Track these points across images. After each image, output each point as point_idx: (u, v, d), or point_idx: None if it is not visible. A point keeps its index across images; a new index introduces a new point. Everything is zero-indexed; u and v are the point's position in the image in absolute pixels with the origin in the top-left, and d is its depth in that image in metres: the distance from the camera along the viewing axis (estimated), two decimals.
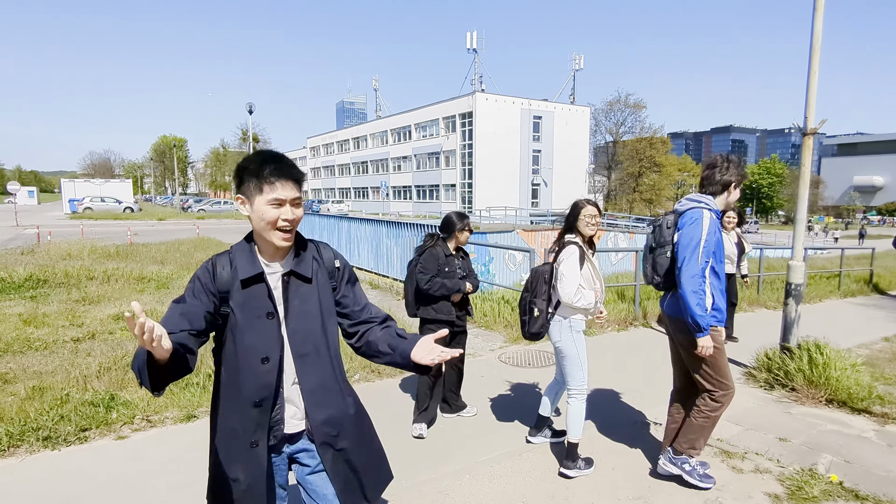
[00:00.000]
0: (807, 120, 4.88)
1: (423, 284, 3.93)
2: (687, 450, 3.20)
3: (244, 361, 1.64)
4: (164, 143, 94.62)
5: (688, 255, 2.96)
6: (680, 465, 3.22)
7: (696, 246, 2.94)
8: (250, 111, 23.22)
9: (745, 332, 7.07)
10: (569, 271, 3.31)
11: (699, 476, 3.19)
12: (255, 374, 1.65)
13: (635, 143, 58.54)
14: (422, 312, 4.09)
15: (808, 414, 4.41)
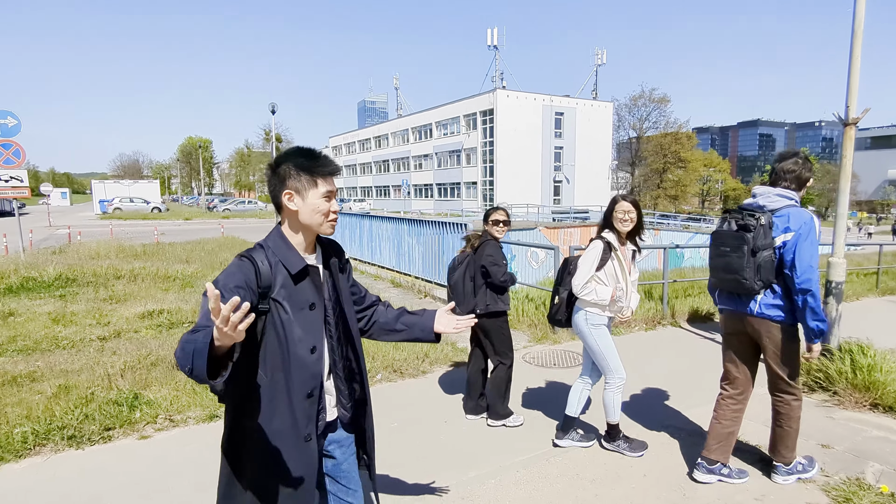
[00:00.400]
0: (848, 109, 4.64)
1: (500, 277, 3.96)
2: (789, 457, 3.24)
3: (294, 355, 1.65)
4: (190, 144, 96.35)
5: (807, 258, 2.89)
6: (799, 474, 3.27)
7: (815, 251, 2.91)
8: (273, 111, 23.40)
9: None
10: (583, 264, 3.43)
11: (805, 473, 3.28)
12: (305, 366, 1.67)
13: (660, 139, 57.59)
14: (492, 306, 4.06)
15: (852, 419, 4.19)
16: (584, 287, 3.39)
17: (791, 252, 2.92)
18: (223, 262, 11.59)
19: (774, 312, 3.04)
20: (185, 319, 6.86)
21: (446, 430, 4.03)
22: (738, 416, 3.30)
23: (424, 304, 8.45)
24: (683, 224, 36.86)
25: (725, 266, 3.09)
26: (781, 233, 2.97)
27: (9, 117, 11.99)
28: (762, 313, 3.06)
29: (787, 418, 3.18)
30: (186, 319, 6.86)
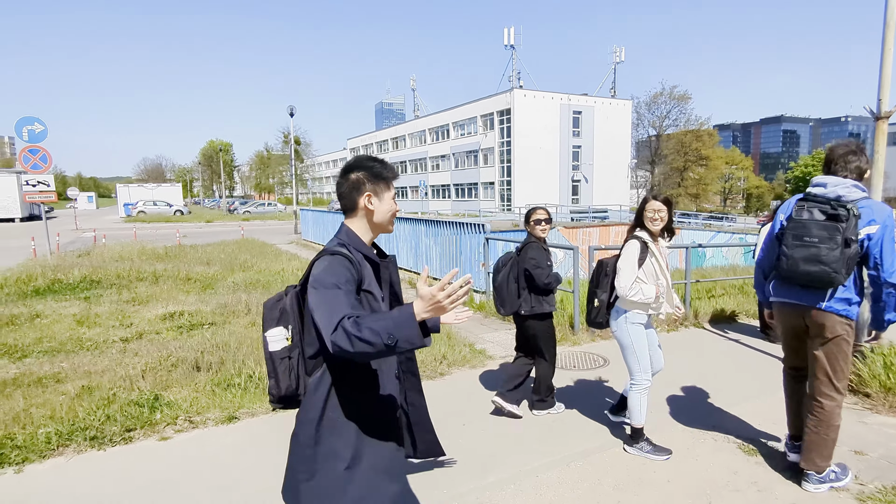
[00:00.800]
0: (880, 102, 4.48)
1: (544, 279, 3.99)
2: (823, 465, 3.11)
3: None
4: (211, 147, 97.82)
5: (892, 255, 2.87)
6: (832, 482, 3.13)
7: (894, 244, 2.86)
8: (291, 114, 23.60)
9: None
10: (625, 265, 3.43)
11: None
12: None
13: (680, 136, 56.75)
14: (536, 308, 4.12)
15: (886, 424, 4.03)
16: (631, 288, 3.40)
17: (878, 245, 2.86)
18: (242, 264, 11.71)
19: (842, 307, 2.94)
20: (205, 321, 6.91)
21: (465, 433, 3.97)
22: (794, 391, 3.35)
23: None
24: (705, 223, 36.28)
25: (811, 257, 2.87)
26: (866, 225, 2.88)
27: (36, 123, 12.26)
28: (831, 307, 2.94)
29: (826, 426, 3.03)
30: (206, 321, 6.91)
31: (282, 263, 11.90)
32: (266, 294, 8.24)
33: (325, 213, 17.11)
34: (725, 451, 3.61)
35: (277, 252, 14.60)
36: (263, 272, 10.62)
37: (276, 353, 1.83)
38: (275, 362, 1.84)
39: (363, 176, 1.88)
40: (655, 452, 3.55)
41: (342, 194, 1.90)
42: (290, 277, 9.86)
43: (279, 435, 3.94)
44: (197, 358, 5.28)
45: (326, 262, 1.74)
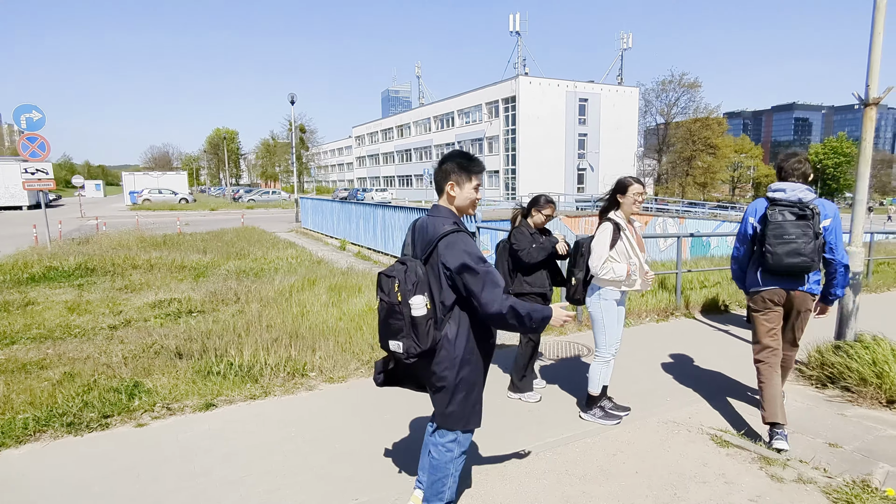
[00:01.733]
0: (869, 88, 4.37)
1: (523, 256, 4.11)
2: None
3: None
4: (217, 135, 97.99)
5: (841, 241, 3.62)
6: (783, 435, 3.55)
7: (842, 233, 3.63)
8: (292, 101, 23.53)
9: None
10: (597, 246, 3.66)
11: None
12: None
13: (689, 125, 56.08)
14: (515, 287, 4.24)
15: (865, 416, 3.98)
16: (602, 267, 3.63)
17: (833, 234, 3.56)
18: (239, 252, 11.74)
19: (816, 288, 3.67)
20: (194, 308, 6.94)
21: None
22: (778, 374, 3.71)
23: None
24: (711, 212, 35.94)
25: (793, 251, 3.44)
26: (823, 219, 3.54)
27: (34, 111, 12.29)
28: (810, 289, 3.63)
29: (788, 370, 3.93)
30: (195, 308, 6.94)
31: (277, 252, 11.91)
32: (258, 282, 8.25)
33: (323, 202, 17.09)
34: (698, 443, 3.58)
35: (275, 240, 14.62)
36: (258, 260, 10.65)
37: (420, 318, 2.21)
38: (417, 326, 2.22)
39: (449, 167, 2.37)
40: (606, 418, 3.88)
41: (435, 180, 2.43)
42: (284, 267, 9.87)
43: (255, 423, 3.96)
44: (179, 345, 5.30)
45: (459, 239, 2.27)
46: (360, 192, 51.70)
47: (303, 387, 4.65)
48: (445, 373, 2.34)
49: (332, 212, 15.89)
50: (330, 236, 16.07)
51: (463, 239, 2.26)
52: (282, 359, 4.89)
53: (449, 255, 2.22)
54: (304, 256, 11.28)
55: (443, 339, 2.29)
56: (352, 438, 3.71)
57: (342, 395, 4.49)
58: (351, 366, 5.04)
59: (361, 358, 5.13)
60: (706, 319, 7.00)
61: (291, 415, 4.11)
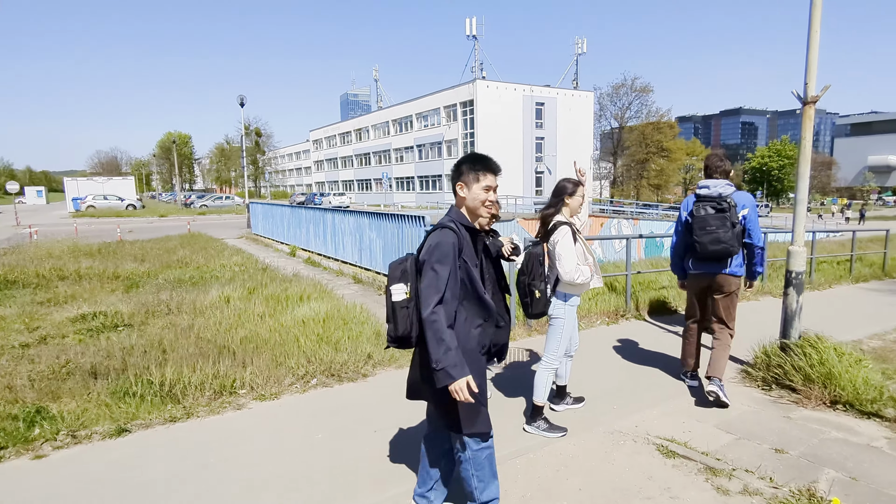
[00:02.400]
0: (807, 87, 4.34)
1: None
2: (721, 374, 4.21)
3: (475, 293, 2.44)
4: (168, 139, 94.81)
5: (758, 225, 4.18)
6: (719, 386, 4.12)
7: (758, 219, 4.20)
8: (242, 104, 22.76)
9: (745, 324, 6.58)
10: (566, 251, 3.53)
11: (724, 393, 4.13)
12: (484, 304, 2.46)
13: (642, 128, 57.50)
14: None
15: (810, 418, 3.92)
16: (576, 271, 3.53)
17: (749, 221, 4.14)
18: (180, 260, 11.13)
19: (739, 270, 4.23)
20: (121, 322, 6.43)
21: (375, 440, 3.68)
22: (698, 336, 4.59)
23: (384, 300, 8.08)
24: (664, 213, 36.82)
25: (714, 239, 4.04)
26: (740, 209, 4.12)
27: None
28: (732, 272, 4.20)
29: (725, 347, 4.30)
30: (122, 322, 6.43)
31: (222, 259, 11.37)
32: (194, 292, 7.77)
33: (274, 206, 16.49)
34: (644, 454, 3.42)
35: (222, 247, 13.99)
36: (200, 268, 10.10)
37: (398, 303, 2.30)
38: (396, 310, 2.31)
39: (460, 168, 2.44)
40: (551, 430, 3.69)
41: (451, 182, 2.49)
42: (227, 275, 9.37)
43: (172, 449, 3.59)
44: (96, 364, 4.84)
45: (437, 235, 2.33)
46: (318, 196, 50.74)
47: (230, 406, 4.29)
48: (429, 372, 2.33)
49: (282, 217, 15.34)
50: (280, 242, 15.52)
51: (443, 234, 2.31)
52: (208, 376, 4.51)
53: (424, 249, 2.32)
54: (249, 264, 10.78)
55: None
56: (279, 462, 3.39)
57: (273, 414, 4.15)
58: (285, 381, 4.70)
59: (297, 373, 4.80)
60: (656, 321, 6.95)
61: (214, 438, 3.76)
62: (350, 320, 5.93)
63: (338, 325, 5.71)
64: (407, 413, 4.07)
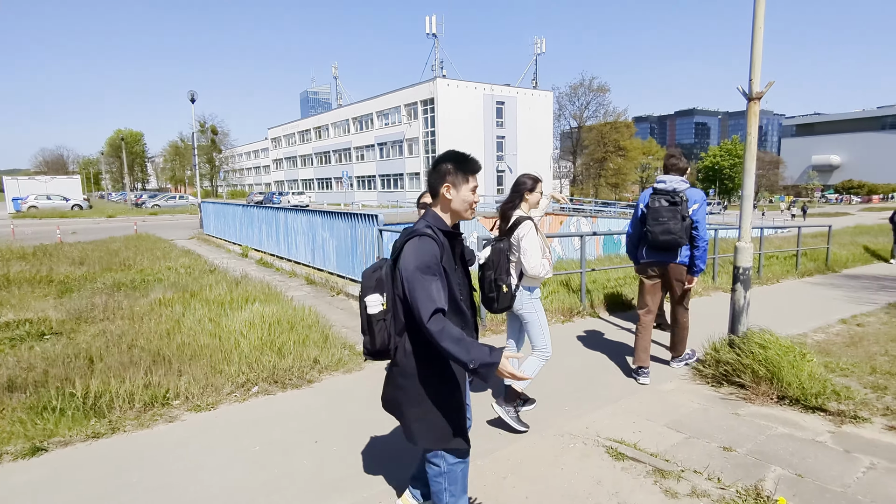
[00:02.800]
0: (752, 83, 4.36)
1: None
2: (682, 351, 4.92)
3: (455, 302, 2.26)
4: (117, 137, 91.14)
5: (704, 222, 4.53)
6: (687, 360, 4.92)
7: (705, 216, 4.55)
8: (192, 100, 21.92)
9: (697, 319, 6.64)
10: (532, 246, 3.54)
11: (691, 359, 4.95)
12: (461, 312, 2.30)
13: (600, 128, 58.58)
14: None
15: (758, 415, 3.92)
16: (541, 265, 3.57)
17: (698, 216, 4.48)
18: (122, 263, 10.56)
19: (686, 260, 4.60)
20: (49, 329, 5.99)
21: (315, 452, 3.48)
22: (650, 330, 4.73)
23: (337, 301, 7.85)
24: (622, 211, 37.53)
25: (665, 230, 4.36)
26: (691, 205, 4.47)
27: None
28: (682, 261, 4.59)
29: (683, 328, 4.84)
30: (50, 329, 5.99)
31: (169, 261, 10.85)
32: (133, 296, 7.35)
33: (226, 206, 15.91)
34: (593, 457, 3.34)
35: (170, 249, 13.39)
36: (143, 271, 9.60)
37: (374, 316, 2.17)
38: (372, 323, 2.17)
39: (445, 168, 2.23)
40: (517, 423, 3.69)
41: (429, 182, 2.29)
42: (171, 278, 8.92)
43: (93, 469, 3.29)
44: (14, 376, 4.45)
45: (416, 244, 2.13)
46: (277, 195, 49.63)
47: (162, 418, 4.00)
48: (404, 385, 2.26)
49: (234, 217, 14.81)
50: (233, 243, 14.98)
51: (424, 243, 2.14)
52: (137, 387, 4.20)
53: (404, 260, 2.12)
54: (197, 265, 10.32)
55: (400, 347, 2.22)
56: (209, 478, 3.15)
57: (208, 426, 3.89)
58: (224, 390, 4.43)
59: (237, 380, 4.53)
60: (611, 318, 6.95)
61: (141, 454, 3.48)
62: (297, 324, 5.68)
63: (284, 329, 5.45)
64: (352, 420, 3.88)
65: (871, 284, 9.68)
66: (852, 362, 4.92)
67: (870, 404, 3.99)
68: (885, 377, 4.58)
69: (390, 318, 2.19)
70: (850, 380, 4.52)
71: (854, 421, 3.75)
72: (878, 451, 3.35)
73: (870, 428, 3.68)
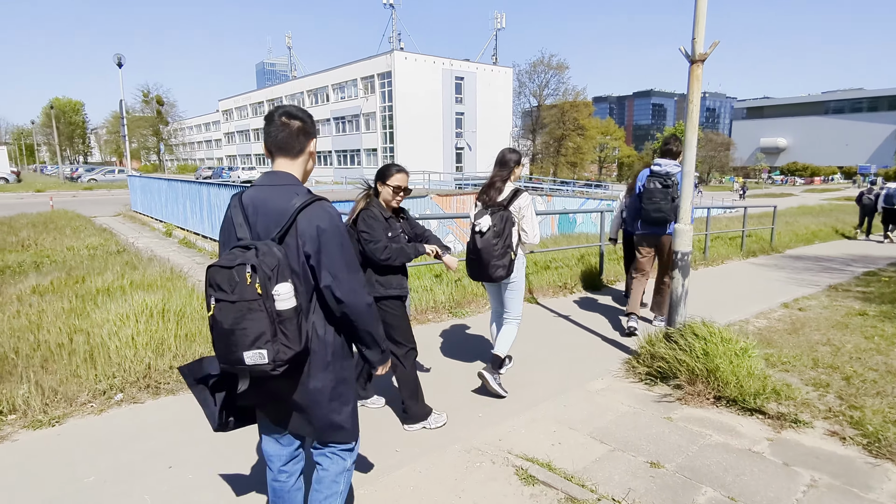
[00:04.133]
0: (694, 43, 3.84)
1: (380, 255, 3.16)
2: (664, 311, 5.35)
3: None
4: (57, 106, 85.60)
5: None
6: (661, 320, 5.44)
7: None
8: (119, 64, 20.18)
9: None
10: (532, 214, 3.73)
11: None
12: None
13: (560, 105, 58.32)
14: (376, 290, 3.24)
15: (692, 419, 3.49)
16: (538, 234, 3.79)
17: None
18: (21, 242, 9.46)
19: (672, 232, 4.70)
20: None
21: (164, 482, 2.83)
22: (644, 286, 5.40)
23: None
24: (578, 190, 37.53)
25: (657, 209, 5.02)
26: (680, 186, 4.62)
27: None
28: (670, 232, 4.98)
29: (665, 290, 5.24)
30: None
31: (78, 241, 9.80)
32: (13, 282, 6.42)
33: (152, 181, 14.73)
34: (500, 480, 2.81)
35: (84, 227, 12.19)
36: (41, 252, 8.58)
37: (289, 311, 1.71)
38: (286, 322, 1.71)
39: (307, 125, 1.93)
40: (500, 386, 3.81)
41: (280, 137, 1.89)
42: (70, 260, 7.96)
43: None
44: None
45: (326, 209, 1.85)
46: (227, 170, 47.53)
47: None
48: (320, 377, 1.89)
49: (159, 192, 13.66)
50: (158, 220, 13.88)
51: (329, 210, 1.85)
52: None
53: (311, 228, 1.77)
54: (107, 246, 9.34)
55: (312, 335, 1.86)
56: None
57: (41, 448, 3.17)
58: (79, 399, 3.70)
59: (96, 388, 3.81)
60: (548, 305, 6.48)
61: None
62: (189, 314, 4.95)
63: (171, 322, 4.71)
64: (223, 436, 3.24)
65: (813, 266, 9.59)
66: (793, 354, 4.58)
67: (811, 404, 3.62)
68: (826, 371, 4.24)
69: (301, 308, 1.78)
70: (792, 375, 4.16)
71: (794, 425, 3.36)
72: (819, 463, 2.96)
73: (811, 434, 3.29)
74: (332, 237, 1.80)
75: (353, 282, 1.83)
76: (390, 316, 3.31)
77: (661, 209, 4.96)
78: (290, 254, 1.78)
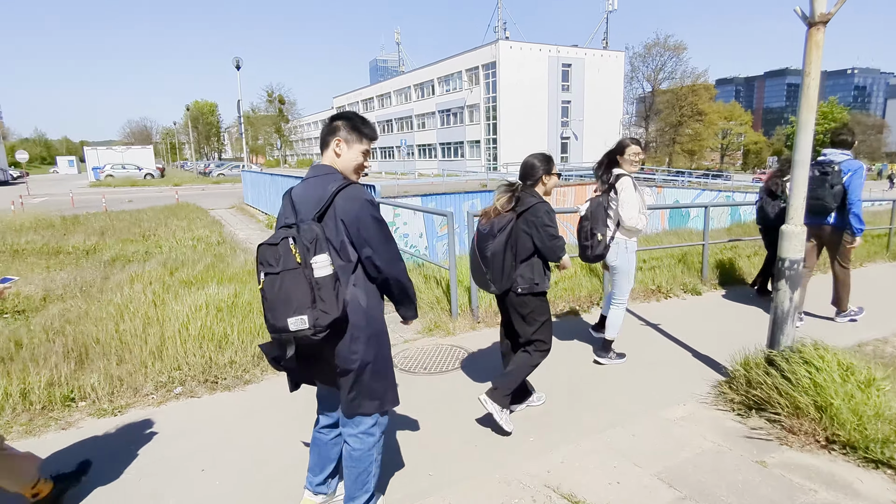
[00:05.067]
0: (814, 2, 3.10)
1: (560, 253, 3.16)
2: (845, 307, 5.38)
3: None
4: (196, 108, 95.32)
5: (857, 189, 4.84)
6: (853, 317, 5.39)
7: (861, 184, 4.86)
8: (238, 66, 21.81)
9: (740, 317, 5.43)
10: (630, 199, 3.84)
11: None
12: None
13: (676, 90, 54.35)
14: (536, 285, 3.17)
15: (793, 465, 2.83)
16: (638, 218, 3.85)
17: (850, 185, 4.84)
18: (142, 233, 10.43)
19: (840, 223, 5.00)
20: (11, 308, 5.69)
21: (192, 484, 2.79)
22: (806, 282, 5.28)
23: None
24: (692, 181, 34.70)
25: (813, 196, 4.73)
26: (844, 174, 4.87)
27: None
28: (833, 223, 5.05)
29: (843, 283, 5.26)
30: (13, 308, 5.69)
31: (192, 232, 10.62)
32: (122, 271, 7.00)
33: (261, 175, 15.68)
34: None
35: (201, 218, 13.26)
36: (159, 241, 9.37)
37: (326, 279, 1.92)
38: (324, 289, 1.91)
39: (340, 124, 2.19)
40: (618, 358, 4.24)
41: (322, 136, 2.22)
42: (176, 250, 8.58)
43: None
44: None
45: (360, 190, 2.10)
46: None
47: (56, 424, 3.45)
48: (358, 347, 2.09)
49: (263, 185, 14.53)
50: (264, 212, 14.76)
51: (362, 191, 2.10)
52: (40, 383, 3.68)
53: (348, 207, 2.02)
54: (213, 237, 10.01)
55: (350, 305, 2.05)
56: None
57: (98, 439, 3.28)
58: (143, 390, 3.84)
59: (159, 380, 3.92)
60: (635, 310, 5.81)
61: None
62: (258, 308, 5.02)
63: (235, 315, 4.80)
64: (262, 440, 3.16)
65: None
66: None
67: None
68: None
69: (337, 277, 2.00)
70: None
71: None
72: None
73: None
74: (369, 214, 2.04)
75: (389, 252, 2.09)
76: (539, 312, 3.22)
77: (817, 196, 4.85)
78: (328, 230, 2.02)
